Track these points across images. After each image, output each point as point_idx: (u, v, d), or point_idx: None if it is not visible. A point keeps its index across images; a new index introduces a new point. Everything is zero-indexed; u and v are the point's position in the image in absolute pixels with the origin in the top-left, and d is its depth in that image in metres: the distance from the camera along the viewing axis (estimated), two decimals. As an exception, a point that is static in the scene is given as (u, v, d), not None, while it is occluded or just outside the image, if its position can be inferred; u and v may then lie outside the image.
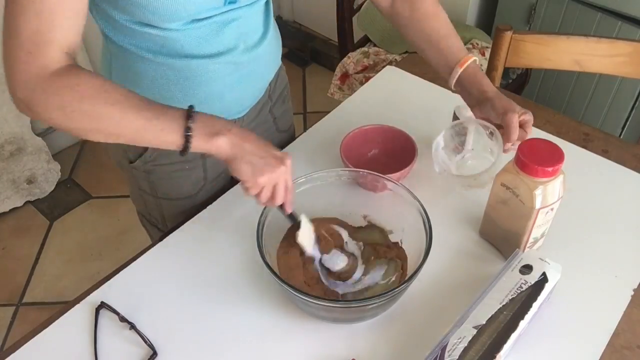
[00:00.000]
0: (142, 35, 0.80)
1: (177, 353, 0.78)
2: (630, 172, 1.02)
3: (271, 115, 1.09)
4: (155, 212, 1.06)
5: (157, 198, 1.02)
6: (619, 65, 1.30)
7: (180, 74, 0.85)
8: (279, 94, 1.09)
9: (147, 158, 0.95)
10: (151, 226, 1.11)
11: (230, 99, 0.93)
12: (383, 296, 0.72)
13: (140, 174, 0.99)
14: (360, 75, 2.01)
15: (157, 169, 0.97)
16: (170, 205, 1.03)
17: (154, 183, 1.00)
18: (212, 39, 0.83)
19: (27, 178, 2.14)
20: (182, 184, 1.00)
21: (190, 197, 1.02)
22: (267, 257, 0.76)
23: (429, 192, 0.97)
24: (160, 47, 0.82)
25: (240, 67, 0.90)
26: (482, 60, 1.94)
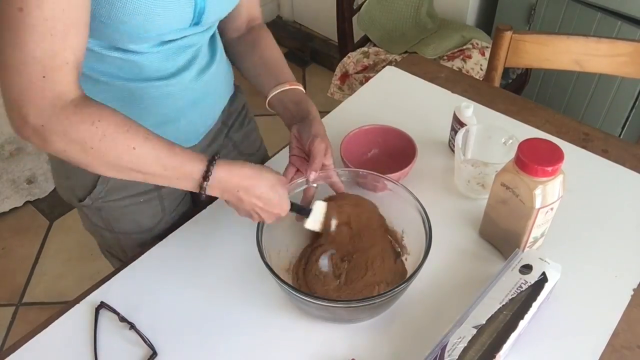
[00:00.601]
0: (102, 58, 0.78)
1: (177, 353, 0.78)
2: (630, 172, 1.02)
3: (230, 140, 1.08)
4: (114, 245, 1.03)
5: (114, 233, 0.99)
6: (619, 65, 1.30)
7: (135, 97, 0.83)
8: (235, 117, 1.08)
9: (97, 195, 0.92)
10: (112, 257, 1.08)
11: (184, 124, 0.92)
12: (383, 296, 0.72)
13: (92, 210, 0.96)
14: (360, 75, 2.01)
15: (109, 205, 0.94)
16: (128, 239, 1.00)
17: (107, 219, 0.97)
18: (169, 62, 0.83)
19: (27, 178, 2.14)
20: (138, 218, 0.97)
21: (150, 229, 0.98)
22: (266, 257, 0.76)
23: (429, 192, 0.97)
24: (118, 69, 0.80)
25: (193, 91, 0.90)
26: (482, 60, 1.95)
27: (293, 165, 0.89)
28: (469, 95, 1.20)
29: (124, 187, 0.93)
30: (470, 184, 0.95)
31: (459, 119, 1.01)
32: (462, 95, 1.20)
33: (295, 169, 0.88)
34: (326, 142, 0.86)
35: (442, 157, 1.06)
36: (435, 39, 2.02)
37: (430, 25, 2.10)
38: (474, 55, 1.95)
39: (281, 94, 0.92)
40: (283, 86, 0.92)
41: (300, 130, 0.88)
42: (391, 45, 2.04)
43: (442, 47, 1.98)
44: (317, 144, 0.84)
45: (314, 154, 0.83)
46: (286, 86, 0.92)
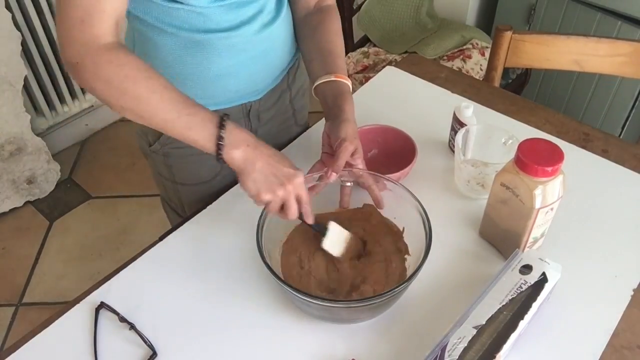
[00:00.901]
0: (166, 10, 0.83)
1: (177, 353, 0.78)
2: (630, 172, 1.02)
3: (291, 106, 1.11)
4: (174, 197, 1.09)
5: (175, 183, 1.06)
6: (619, 65, 1.30)
7: (199, 48, 0.88)
8: (299, 86, 1.11)
9: (165, 140, 0.98)
10: (171, 211, 1.14)
11: (244, 77, 0.95)
12: (383, 296, 0.72)
13: (159, 157, 1.03)
14: (360, 75, 2.01)
15: (174, 152, 1.00)
16: (187, 191, 1.06)
17: (171, 167, 1.03)
18: (232, 14, 0.87)
19: (27, 178, 2.14)
20: (198, 168, 1.02)
21: (207, 182, 1.03)
22: (266, 257, 0.76)
23: (429, 192, 0.97)
24: (182, 22, 0.85)
25: (255, 45, 0.92)
26: (482, 60, 1.95)
27: (322, 163, 0.91)
28: (468, 95, 1.20)
29: None
30: (470, 184, 0.95)
31: (459, 119, 1.01)
32: (462, 95, 1.20)
33: (323, 166, 0.90)
34: (355, 144, 0.86)
35: (442, 157, 1.06)
36: (435, 39, 2.02)
37: (430, 25, 2.10)
38: (474, 55, 1.96)
39: (325, 84, 0.92)
40: (329, 77, 0.92)
41: (330, 129, 0.89)
42: (391, 45, 2.04)
43: (442, 47, 1.98)
44: (344, 146, 0.85)
45: (339, 155, 0.85)
46: (332, 77, 0.92)
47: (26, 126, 2.06)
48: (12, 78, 1.98)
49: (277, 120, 1.08)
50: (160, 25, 0.86)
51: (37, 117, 2.22)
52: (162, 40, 0.87)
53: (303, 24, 1.01)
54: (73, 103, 2.33)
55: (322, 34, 0.98)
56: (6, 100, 1.97)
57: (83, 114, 2.40)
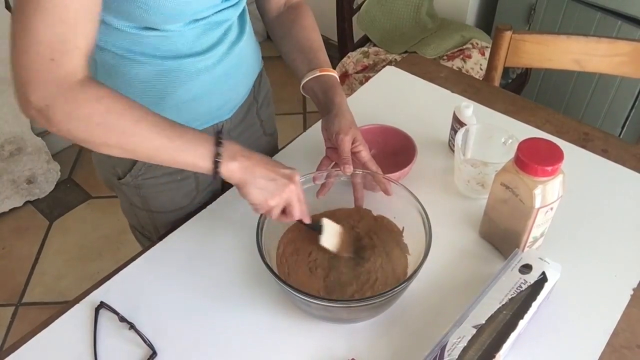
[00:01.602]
0: (138, 38, 0.80)
1: (177, 353, 0.78)
2: (630, 172, 1.02)
3: (258, 118, 1.09)
4: (148, 226, 1.05)
5: (150, 212, 1.02)
6: (619, 65, 1.30)
7: (170, 74, 0.85)
8: (263, 96, 1.10)
9: (137, 172, 0.95)
10: (144, 238, 1.10)
11: (216, 97, 0.93)
12: (383, 295, 0.72)
13: (131, 189, 0.98)
14: (360, 75, 2.01)
15: (147, 182, 0.97)
16: (163, 218, 1.02)
17: (145, 197, 0.99)
18: (203, 38, 0.85)
19: (27, 178, 2.14)
20: (174, 196, 1.00)
21: (183, 208, 1.01)
22: (266, 257, 0.76)
23: (429, 192, 0.97)
24: (153, 49, 0.82)
25: (224, 64, 0.91)
26: (482, 60, 1.95)
27: (328, 158, 0.91)
28: (468, 95, 1.20)
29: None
30: (470, 184, 0.95)
31: (458, 119, 1.01)
32: (462, 95, 1.20)
33: (329, 161, 0.91)
34: (351, 133, 0.86)
35: (442, 157, 1.06)
36: (435, 38, 2.02)
37: (430, 25, 2.10)
38: (474, 55, 1.95)
39: (312, 81, 0.92)
40: (314, 72, 0.92)
41: (326, 124, 0.89)
42: (391, 45, 2.04)
43: (442, 47, 1.98)
44: (340, 139, 0.85)
45: (341, 148, 0.85)
46: (317, 72, 0.91)
47: (26, 126, 2.06)
48: (12, 78, 1.97)
49: (247, 134, 1.07)
50: (131, 55, 0.82)
51: (37, 117, 2.22)
52: (132, 70, 0.83)
53: (276, 25, 1.00)
54: (73, 103, 2.32)
55: (299, 32, 0.97)
56: (6, 100, 1.97)
57: (83, 114, 2.40)
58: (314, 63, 0.93)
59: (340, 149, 0.86)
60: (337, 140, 0.86)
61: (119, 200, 1.06)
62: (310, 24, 0.98)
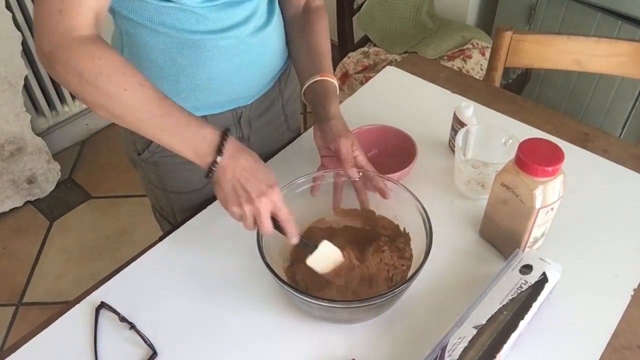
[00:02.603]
0: (158, 9, 0.82)
1: (177, 353, 0.78)
2: (630, 172, 1.02)
3: (283, 113, 1.10)
4: (165, 206, 1.08)
5: (166, 191, 1.05)
6: (619, 65, 1.30)
7: (192, 49, 0.87)
8: (290, 92, 1.10)
9: (154, 149, 0.97)
10: (163, 219, 1.13)
11: (237, 81, 0.94)
12: (383, 296, 0.72)
13: (149, 166, 1.01)
14: (360, 75, 2.01)
15: (164, 160, 0.99)
16: (178, 199, 1.05)
17: (161, 176, 1.02)
18: (225, 14, 0.86)
19: (27, 178, 2.14)
20: (189, 176, 1.01)
21: (198, 190, 1.02)
22: (267, 257, 0.76)
23: (429, 192, 0.97)
24: (174, 21, 0.84)
25: (248, 48, 0.92)
26: (482, 60, 1.95)
27: (324, 167, 0.91)
28: (469, 95, 1.20)
29: None
30: (470, 184, 0.95)
31: (459, 119, 1.01)
32: (462, 95, 1.20)
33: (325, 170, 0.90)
34: (350, 137, 0.87)
35: (442, 157, 1.06)
36: (436, 39, 2.02)
37: (430, 25, 2.10)
38: (474, 55, 1.95)
39: (311, 86, 0.92)
40: (315, 77, 0.92)
41: (321, 131, 0.89)
42: (391, 45, 2.04)
43: (442, 47, 1.98)
44: (342, 143, 0.85)
45: (343, 153, 0.85)
46: (317, 77, 0.92)
47: (26, 126, 2.06)
48: (12, 78, 1.97)
49: (270, 127, 1.08)
50: (152, 25, 0.84)
51: (37, 117, 2.22)
52: (153, 40, 0.86)
53: (291, 25, 1.01)
54: (73, 103, 2.33)
55: (309, 35, 0.97)
56: (6, 100, 1.97)
57: (83, 114, 2.40)
58: (316, 67, 0.93)
59: (342, 152, 0.85)
60: (338, 144, 0.86)
61: (140, 178, 1.09)
62: (321, 28, 0.98)
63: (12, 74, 1.97)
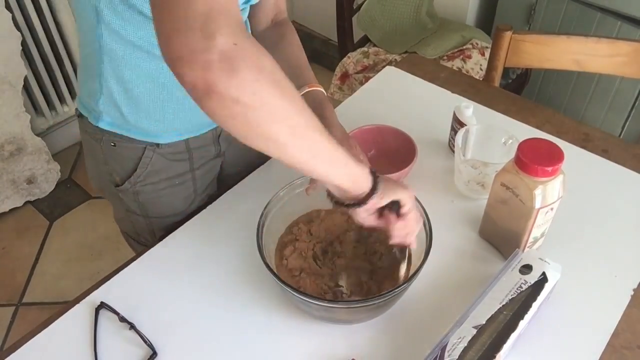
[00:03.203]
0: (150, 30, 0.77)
1: (177, 353, 0.78)
2: (630, 172, 1.02)
3: None
4: (144, 232, 1.04)
5: (148, 217, 1.01)
6: (619, 65, 1.30)
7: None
8: None
9: (136, 179, 0.94)
10: (139, 246, 1.09)
11: None
12: (383, 297, 0.72)
13: (129, 195, 0.97)
14: (360, 75, 2.01)
15: (146, 188, 0.96)
16: (160, 223, 1.02)
17: (143, 203, 0.99)
18: None
19: (27, 178, 2.14)
20: (172, 201, 1.00)
21: (181, 212, 1.01)
22: (267, 257, 0.76)
23: (429, 192, 0.97)
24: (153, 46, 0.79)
25: None
26: (482, 60, 1.95)
27: None
28: (468, 95, 1.20)
29: (162, 169, 0.95)
30: (470, 184, 0.95)
31: (459, 119, 1.01)
32: (462, 95, 1.20)
33: None
34: (351, 142, 0.86)
35: (442, 157, 1.06)
36: (435, 39, 2.02)
37: (430, 25, 2.10)
38: (474, 55, 1.95)
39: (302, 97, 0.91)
40: (303, 89, 0.91)
41: None
42: (391, 45, 2.03)
43: (442, 47, 1.97)
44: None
45: None
46: (306, 89, 0.91)
47: (26, 126, 2.06)
48: (12, 78, 1.97)
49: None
50: (150, 47, 0.78)
51: (37, 117, 2.22)
52: (148, 65, 0.80)
53: (263, 38, 0.98)
54: (73, 103, 2.33)
55: (286, 47, 0.97)
56: (6, 100, 1.97)
57: (83, 114, 2.40)
58: (302, 80, 0.93)
59: None
60: None
61: (113, 208, 1.05)
62: (297, 41, 0.99)
63: (12, 74, 1.97)
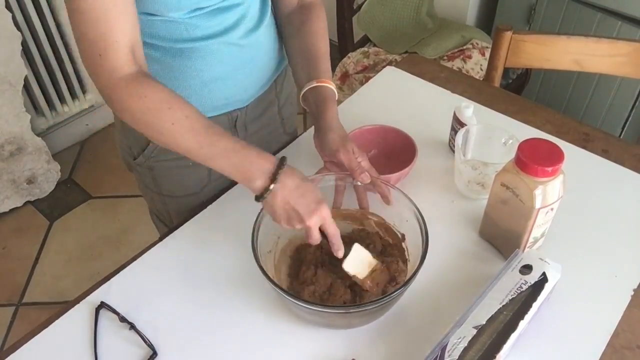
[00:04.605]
0: (146, 22, 0.82)
1: (177, 353, 0.78)
2: (630, 172, 1.02)
3: (280, 116, 1.10)
4: (162, 210, 1.08)
5: (162, 195, 1.04)
6: (619, 65, 1.30)
7: (185, 56, 0.86)
8: (287, 95, 1.09)
9: (149, 154, 0.97)
10: (160, 222, 1.12)
11: (232, 84, 0.94)
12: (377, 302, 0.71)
13: (144, 170, 1.01)
14: (360, 75, 2.01)
15: (159, 164, 0.99)
16: (175, 203, 1.04)
17: (157, 180, 1.02)
18: (214, 21, 0.85)
19: (27, 178, 2.14)
20: (185, 180, 1.01)
21: (195, 194, 1.02)
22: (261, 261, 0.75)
23: (429, 192, 0.97)
24: (165, 32, 0.84)
25: (241, 51, 0.91)
26: (482, 60, 1.95)
27: (327, 170, 0.90)
28: (469, 95, 1.20)
29: None
30: (470, 184, 0.95)
31: (459, 119, 1.01)
32: (462, 95, 1.20)
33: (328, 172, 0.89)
34: (348, 147, 0.85)
35: (442, 157, 1.06)
36: (435, 39, 2.02)
37: (430, 25, 2.10)
38: (474, 55, 1.95)
39: (309, 92, 0.91)
40: (312, 83, 0.91)
41: (319, 142, 0.89)
42: (391, 45, 2.04)
43: (442, 47, 1.98)
44: (342, 156, 0.85)
45: (347, 164, 0.85)
46: (314, 83, 0.90)
47: (26, 126, 2.06)
48: (12, 78, 1.98)
49: (266, 131, 1.07)
50: (143, 37, 0.81)
51: (37, 117, 2.22)
52: (146, 52, 0.83)
53: (287, 23, 0.99)
54: (73, 103, 2.33)
55: (305, 36, 0.95)
56: (6, 100, 1.97)
57: (83, 114, 2.40)
58: (314, 72, 0.92)
59: (346, 163, 0.85)
60: (338, 157, 0.85)
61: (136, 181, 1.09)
62: (318, 29, 0.96)
63: (12, 74, 1.97)
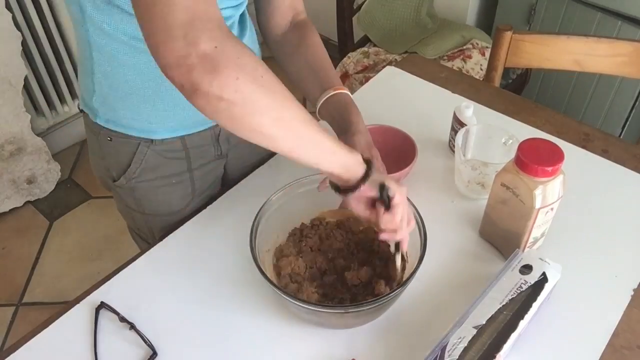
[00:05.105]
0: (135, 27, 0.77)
1: (177, 353, 0.78)
2: (630, 172, 1.02)
3: None
4: (144, 228, 1.05)
5: (144, 214, 1.01)
6: (619, 65, 1.30)
7: None
8: None
9: (131, 175, 0.94)
10: (142, 241, 1.09)
11: None
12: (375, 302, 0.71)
13: (125, 191, 0.98)
14: (360, 75, 2.01)
15: (142, 185, 0.96)
16: (158, 221, 1.01)
17: (139, 200, 0.99)
18: None
19: (27, 178, 2.14)
20: (169, 199, 0.99)
21: (178, 212, 1.00)
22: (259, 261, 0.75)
23: (429, 192, 0.97)
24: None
25: None
26: (482, 60, 1.95)
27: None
28: (469, 95, 1.20)
29: (158, 167, 0.94)
30: (470, 184, 0.95)
31: (459, 119, 1.01)
32: (462, 95, 1.20)
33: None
34: (373, 154, 0.85)
35: (442, 157, 1.06)
36: (435, 39, 2.02)
37: (430, 25, 2.10)
38: (474, 55, 1.96)
39: (327, 101, 0.90)
40: (328, 92, 0.89)
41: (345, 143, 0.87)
42: (391, 45, 2.04)
43: (442, 47, 1.98)
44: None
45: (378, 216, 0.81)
46: (330, 92, 0.89)
47: (26, 126, 2.06)
48: (12, 78, 1.98)
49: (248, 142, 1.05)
50: (134, 42, 0.78)
51: (37, 117, 2.22)
52: (132, 60, 0.80)
53: (283, 43, 0.97)
54: (73, 103, 2.33)
55: (308, 49, 0.94)
56: (6, 100, 1.97)
57: (83, 114, 2.40)
58: (326, 82, 0.91)
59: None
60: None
61: (115, 201, 1.06)
62: (317, 41, 0.96)
63: (12, 74, 1.97)
